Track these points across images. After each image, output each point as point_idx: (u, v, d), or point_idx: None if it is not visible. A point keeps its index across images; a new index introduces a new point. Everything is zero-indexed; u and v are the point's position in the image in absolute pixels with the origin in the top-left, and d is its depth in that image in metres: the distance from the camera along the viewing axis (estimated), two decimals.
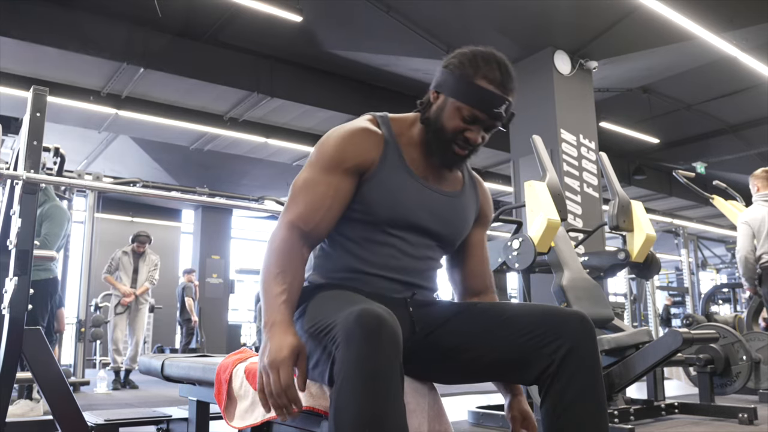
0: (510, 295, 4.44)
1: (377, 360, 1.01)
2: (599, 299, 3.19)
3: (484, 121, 1.28)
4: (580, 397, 1.15)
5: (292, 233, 1.25)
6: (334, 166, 1.27)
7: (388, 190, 1.29)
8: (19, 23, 5.75)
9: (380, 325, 1.03)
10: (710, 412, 3.37)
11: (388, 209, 1.30)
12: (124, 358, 5.88)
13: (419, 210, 1.32)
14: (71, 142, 8.07)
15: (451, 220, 1.38)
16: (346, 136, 1.29)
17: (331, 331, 1.08)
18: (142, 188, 6.66)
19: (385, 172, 1.30)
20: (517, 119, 1.39)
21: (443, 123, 1.29)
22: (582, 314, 1.21)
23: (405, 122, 1.38)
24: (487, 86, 1.25)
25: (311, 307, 1.24)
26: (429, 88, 1.35)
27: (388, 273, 1.31)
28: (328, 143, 1.30)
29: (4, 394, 1.98)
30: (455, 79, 1.28)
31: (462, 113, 1.27)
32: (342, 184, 1.27)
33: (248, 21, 6.17)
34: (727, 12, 5.81)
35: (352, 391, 1.00)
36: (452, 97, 1.28)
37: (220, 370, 1.56)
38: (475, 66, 1.26)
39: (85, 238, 5.91)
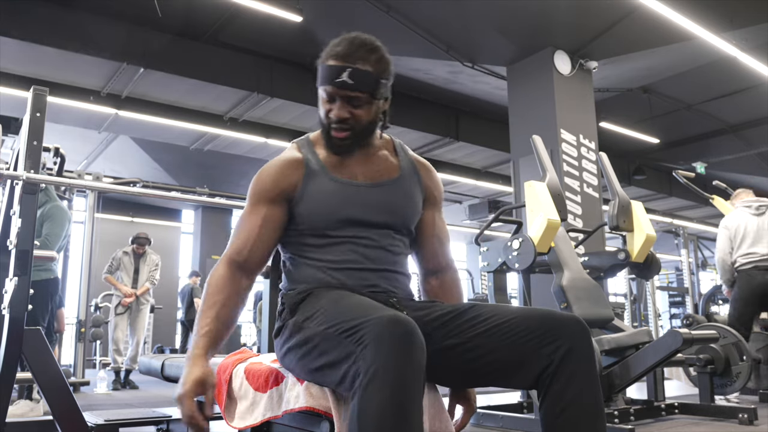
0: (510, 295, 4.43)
1: (409, 367, 1.03)
2: (599, 299, 3.20)
3: (337, 95, 1.32)
4: (578, 397, 1.16)
5: (228, 266, 1.37)
6: (260, 198, 1.40)
7: (316, 201, 1.38)
8: (19, 23, 5.75)
9: (413, 334, 1.06)
10: (710, 413, 3.37)
11: (322, 217, 1.37)
12: (125, 358, 5.88)
13: (351, 207, 1.38)
14: (71, 142, 8.07)
15: (392, 207, 1.42)
16: (268, 171, 1.42)
17: (357, 333, 1.08)
18: (142, 188, 6.67)
19: (309, 187, 1.38)
20: (517, 119, 1.40)
21: (319, 113, 1.38)
22: (578, 317, 1.23)
23: (320, 135, 1.45)
24: (329, 62, 1.32)
25: (326, 308, 1.24)
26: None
27: (354, 264, 1.37)
28: (255, 180, 1.43)
29: (4, 394, 1.98)
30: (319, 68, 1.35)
31: (324, 96, 1.35)
32: (269, 212, 1.38)
33: (248, 21, 6.17)
34: (727, 12, 5.81)
35: (379, 394, 1.01)
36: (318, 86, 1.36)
37: (219, 371, 1.56)
38: (326, 51, 1.34)
39: (85, 238, 5.91)
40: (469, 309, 1.31)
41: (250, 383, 1.39)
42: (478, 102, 8.27)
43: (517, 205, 4.28)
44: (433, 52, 6.52)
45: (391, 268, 1.41)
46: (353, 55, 1.31)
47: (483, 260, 3.58)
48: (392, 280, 1.40)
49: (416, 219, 1.48)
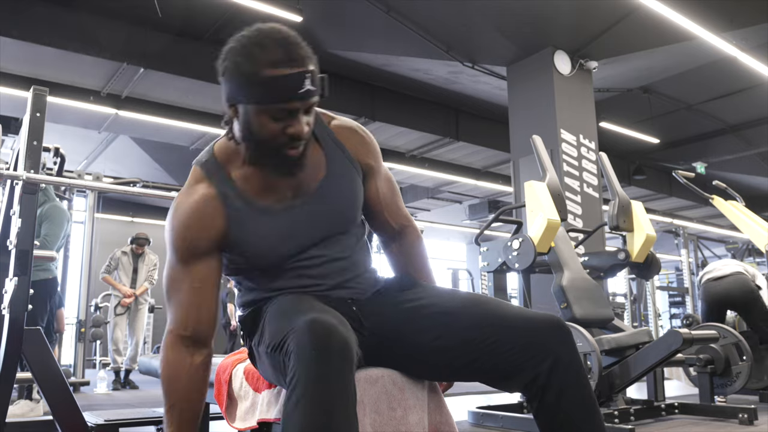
0: (510, 295, 4.43)
1: (326, 369, 0.98)
2: (599, 299, 3.20)
3: (298, 108, 1.11)
4: (573, 404, 1.15)
5: (175, 345, 1.21)
6: (188, 256, 1.21)
7: (251, 246, 1.22)
8: (19, 23, 5.74)
9: (329, 334, 1.00)
10: (710, 413, 3.37)
11: (264, 260, 1.23)
12: (124, 358, 5.87)
13: (291, 238, 1.23)
14: (71, 142, 8.07)
15: (333, 216, 1.27)
16: (182, 221, 1.21)
17: (284, 345, 1.05)
18: (142, 188, 6.65)
19: (238, 231, 1.21)
20: (517, 119, 1.40)
21: (258, 135, 1.13)
22: (558, 321, 1.19)
23: (232, 151, 1.24)
24: (278, 71, 1.07)
25: (265, 327, 1.20)
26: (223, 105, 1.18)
27: (309, 288, 1.25)
28: (173, 232, 1.23)
29: (4, 394, 1.98)
30: (241, 85, 1.10)
31: (271, 114, 1.10)
32: (205, 269, 1.21)
33: (248, 21, 6.05)
34: (727, 12, 5.81)
35: (300, 400, 0.97)
36: (249, 103, 1.10)
37: (219, 371, 1.56)
38: (253, 60, 1.08)
39: (85, 238, 5.91)
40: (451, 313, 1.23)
41: (250, 384, 1.39)
42: (478, 102, 8.27)
43: (517, 205, 4.28)
44: (433, 52, 6.52)
45: (348, 276, 1.29)
46: (299, 56, 1.10)
47: (483, 260, 3.58)
48: (352, 286, 1.29)
49: (360, 207, 1.34)
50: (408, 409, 1.26)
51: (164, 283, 1.24)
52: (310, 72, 1.10)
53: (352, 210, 1.31)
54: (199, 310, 1.21)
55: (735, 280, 4.24)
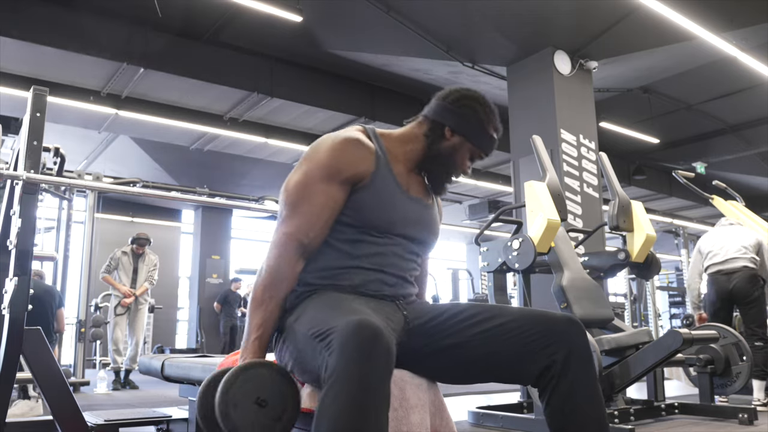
0: (510, 295, 4.43)
1: (368, 372, 1.03)
2: (599, 299, 3.19)
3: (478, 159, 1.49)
4: (584, 398, 1.22)
5: (289, 247, 1.30)
6: (331, 176, 1.32)
7: (379, 201, 1.36)
8: (19, 23, 5.74)
9: (376, 338, 1.06)
10: (710, 413, 3.37)
11: (379, 219, 1.36)
12: (124, 358, 5.87)
13: (406, 221, 1.41)
14: (71, 142, 8.07)
15: (431, 228, 1.48)
16: (341, 146, 1.35)
17: (328, 337, 1.10)
18: (142, 188, 6.66)
19: (376, 183, 1.36)
20: (517, 119, 1.45)
21: (456, 160, 1.45)
22: (574, 318, 1.29)
23: (393, 139, 1.47)
24: (494, 134, 1.46)
25: (311, 309, 1.26)
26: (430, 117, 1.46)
27: (377, 266, 1.36)
28: (324, 152, 1.35)
29: (4, 394, 1.98)
30: (474, 126, 1.43)
31: (471, 153, 1.46)
32: (338, 194, 1.33)
33: (248, 21, 6.17)
34: (727, 12, 5.81)
35: (338, 398, 1.02)
36: (470, 141, 1.44)
37: None
38: (487, 116, 1.44)
39: (85, 238, 5.91)
40: (467, 309, 1.33)
41: None
42: None
43: (517, 205, 4.28)
44: (433, 52, 6.52)
45: (408, 277, 1.43)
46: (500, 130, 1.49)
47: (483, 260, 3.58)
48: (407, 288, 1.43)
49: (436, 243, 1.55)
50: (409, 409, 1.26)
51: (293, 192, 1.33)
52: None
53: (436, 236, 1.53)
54: (323, 225, 1.33)
55: (743, 277, 4.20)
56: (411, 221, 1.42)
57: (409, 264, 1.43)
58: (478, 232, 3.80)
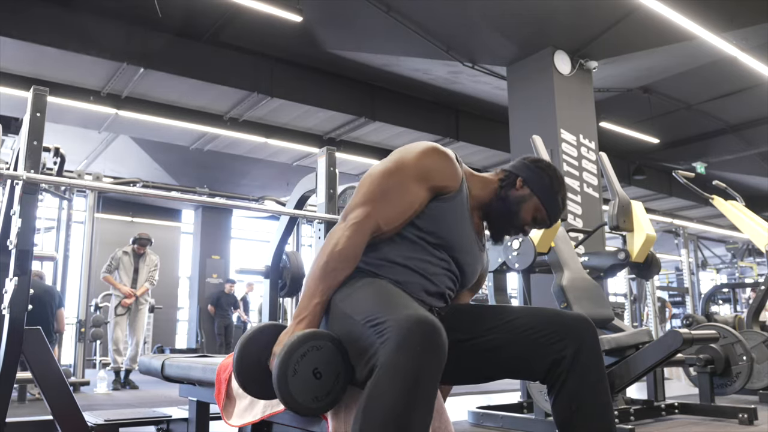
0: (510, 295, 4.44)
1: (425, 366, 1.05)
2: (599, 299, 3.19)
3: (541, 225, 1.52)
4: (592, 393, 1.24)
5: (367, 227, 1.31)
6: (423, 178, 1.36)
7: (453, 217, 1.40)
8: (19, 23, 5.74)
9: (437, 334, 1.08)
10: (710, 413, 3.37)
11: (446, 233, 1.39)
12: (125, 358, 5.87)
13: (464, 247, 1.44)
14: (71, 142, 8.06)
15: (478, 266, 1.51)
16: (437, 154, 1.39)
17: (381, 326, 1.11)
18: (142, 188, 6.66)
19: (456, 201, 1.41)
20: (517, 119, 1.44)
21: (520, 211, 1.48)
22: (584, 316, 1.31)
23: (472, 175, 1.52)
24: (560, 204, 1.51)
25: (360, 295, 1.26)
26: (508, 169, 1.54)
27: (422, 272, 1.37)
28: (419, 153, 1.38)
29: (4, 394, 1.97)
30: (545, 186, 1.49)
31: (537, 213, 1.49)
32: (423, 197, 1.37)
33: (248, 21, 6.17)
34: (727, 12, 5.81)
35: (393, 388, 1.03)
36: (537, 196, 1.48)
37: (220, 371, 1.57)
38: (559, 185, 1.51)
39: (85, 238, 5.91)
40: (477, 306, 1.39)
41: None
42: (478, 102, 8.26)
43: None
44: (433, 52, 6.52)
45: (446, 294, 1.44)
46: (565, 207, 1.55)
47: None
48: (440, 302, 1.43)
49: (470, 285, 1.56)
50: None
51: (384, 180, 1.35)
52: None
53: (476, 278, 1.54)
54: (404, 221, 1.36)
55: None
56: (467, 250, 1.44)
57: (451, 284, 1.45)
58: None
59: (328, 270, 1.27)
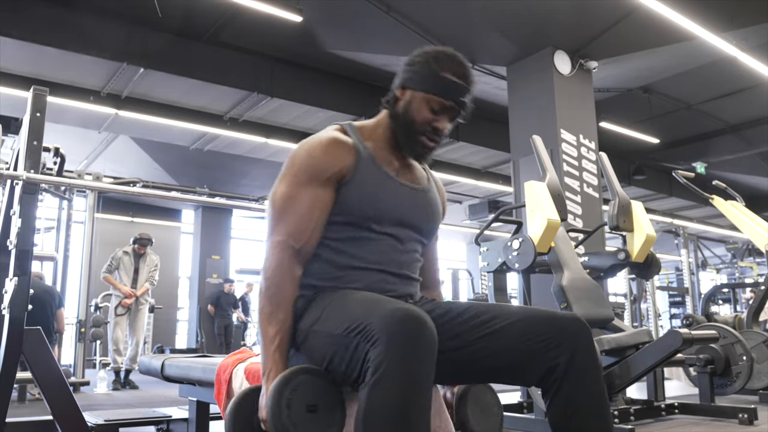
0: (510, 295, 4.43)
1: (418, 363, 1.04)
2: (599, 299, 3.19)
3: (450, 111, 1.37)
4: (588, 398, 1.20)
5: (284, 254, 1.28)
6: (313, 178, 1.31)
7: (368, 191, 1.34)
8: (19, 23, 5.74)
9: (423, 328, 1.06)
10: (710, 413, 3.37)
11: (372, 208, 1.33)
12: (125, 358, 5.87)
13: (400, 206, 1.37)
14: (71, 142, 8.07)
15: (428, 213, 1.44)
16: (319, 148, 1.33)
17: (365, 330, 1.09)
18: (142, 188, 6.67)
19: (361, 175, 1.34)
20: (517, 119, 1.42)
21: (412, 116, 1.36)
22: (578, 317, 1.26)
23: (369, 127, 1.44)
24: (453, 78, 1.35)
25: (331, 310, 1.23)
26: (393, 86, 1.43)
27: (379, 266, 1.34)
28: (303, 156, 1.34)
29: (4, 394, 1.98)
30: (422, 74, 1.36)
31: (431, 105, 1.35)
32: (323, 195, 1.32)
33: (248, 21, 6.17)
34: (727, 12, 5.80)
35: (389, 391, 1.02)
36: (421, 90, 1.36)
37: (220, 371, 1.57)
38: (439, 62, 1.36)
39: (85, 238, 5.91)
40: (469, 309, 1.32)
41: (250, 383, 1.39)
42: (478, 102, 8.19)
43: (517, 205, 4.27)
44: None
45: (412, 274, 1.41)
46: (471, 79, 1.39)
47: (483, 260, 3.57)
48: (410, 286, 1.40)
49: (437, 229, 1.51)
50: None
51: (278, 200, 1.33)
52: (470, 92, 1.39)
53: (435, 224, 1.48)
54: (313, 228, 1.31)
55: None
56: (404, 208, 1.38)
57: (409, 258, 1.40)
58: (478, 232, 3.80)
59: (269, 312, 1.25)
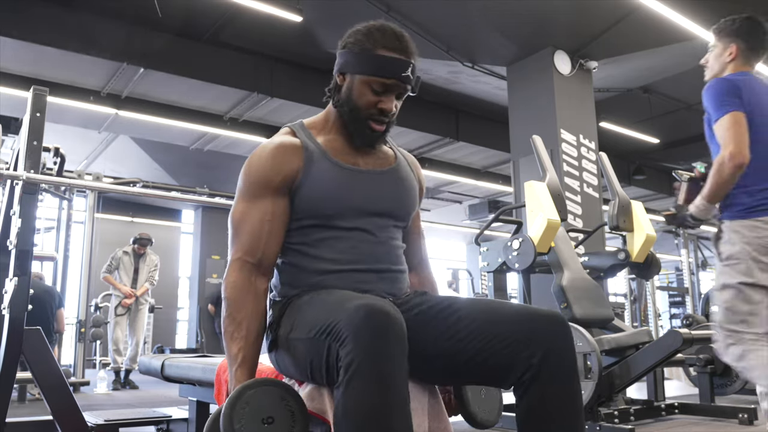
0: (510, 295, 4.43)
1: (388, 358, 1.01)
2: (599, 299, 3.19)
3: (394, 88, 1.30)
4: (556, 400, 1.15)
5: (242, 271, 1.26)
6: (261, 189, 1.29)
7: (323, 188, 1.29)
8: (19, 23, 5.74)
9: (388, 321, 1.04)
10: (710, 413, 3.37)
11: (331, 206, 1.30)
12: (125, 358, 5.88)
13: (364, 196, 1.33)
14: (71, 142, 8.06)
15: (395, 195, 1.38)
16: (261, 159, 1.31)
17: (333, 329, 1.07)
18: (142, 188, 6.66)
19: (313, 173, 1.30)
20: (517, 119, 1.41)
21: (355, 101, 1.31)
22: (557, 314, 1.21)
23: (319, 120, 1.41)
24: (389, 54, 1.29)
25: (302, 316, 1.22)
26: (333, 74, 1.37)
27: (355, 265, 1.30)
28: (248, 171, 1.32)
29: (4, 394, 1.98)
30: (356, 56, 1.30)
31: (371, 86, 1.29)
32: (274, 205, 1.29)
33: (248, 21, 6.17)
34: (727, 12, 5.77)
35: (362, 389, 1.00)
36: (358, 73, 1.30)
37: (220, 371, 1.57)
38: (372, 39, 1.29)
39: (85, 238, 5.91)
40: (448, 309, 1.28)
41: None
42: (478, 102, 8.26)
43: (517, 205, 4.28)
44: (433, 52, 6.52)
45: (392, 267, 1.35)
46: (409, 50, 1.32)
47: (483, 260, 3.58)
48: (391, 281, 1.34)
49: (415, 208, 1.45)
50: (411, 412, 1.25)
51: (233, 218, 1.31)
52: (412, 65, 1.32)
53: (411, 203, 1.42)
54: (268, 241, 1.28)
55: None
56: (370, 196, 1.33)
57: (385, 248, 1.34)
58: (478, 232, 3.80)
59: (231, 331, 1.23)
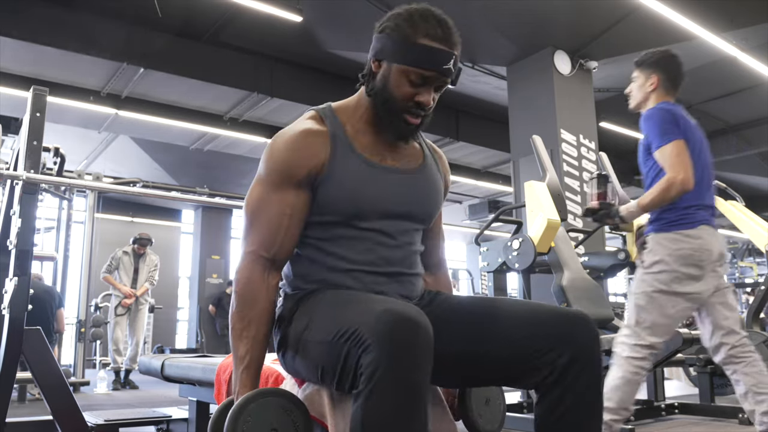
0: (510, 295, 4.44)
1: (415, 369, 0.98)
2: (599, 299, 3.19)
3: (433, 80, 1.20)
4: (577, 404, 1.13)
5: (255, 265, 1.21)
6: (283, 180, 1.21)
7: (347, 186, 1.22)
8: (19, 23, 5.74)
9: (418, 330, 0.99)
10: (710, 413, 3.37)
11: (352, 205, 1.23)
12: (125, 358, 5.88)
13: (386, 197, 1.25)
14: (71, 142, 8.06)
15: (420, 197, 1.31)
16: (287, 146, 1.22)
17: (355, 335, 1.02)
18: (142, 188, 6.66)
19: (338, 168, 1.22)
20: (517, 119, 1.39)
21: (391, 92, 1.21)
22: (586, 317, 1.18)
23: (349, 106, 1.31)
24: (431, 43, 1.18)
25: (319, 316, 1.17)
26: (368, 58, 1.27)
27: (369, 267, 1.25)
28: (271, 157, 1.24)
29: (4, 394, 1.98)
30: (395, 43, 1.19)
31: (409, 77, 1.19)
32: (296, 198, 1.22)
33: (248, 21, 6.17)
34: (727, 12, 5.80)
35: (386, 398, 0.96)
36: (396, 62, 1.20)
37: (219, 371, 1.57)
38: (413, 25, 1.19)
39: (85, 238, 5.91)
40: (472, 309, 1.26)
41: None
42: (478, 102, 8.26)
43: (517, 205, 4.27)
44: None
45: (407, 270, 1.30)
46: (452, 40, 1.21)
47: (483, 260, 3.58)
48: (405, 284, 1.29)
49: (438, 210, 1.38)
50: None
51: (249, 206, 1.24)
52: (455, 56, 1.21)
53: (435, 205, 1.35)
54: (284, 235, 1.22)
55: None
56: (393, 198, 1.26)
57: (402, 252, 1.28)
58: (478, 232, 3.80)
59: (240, 329, 1.18)
